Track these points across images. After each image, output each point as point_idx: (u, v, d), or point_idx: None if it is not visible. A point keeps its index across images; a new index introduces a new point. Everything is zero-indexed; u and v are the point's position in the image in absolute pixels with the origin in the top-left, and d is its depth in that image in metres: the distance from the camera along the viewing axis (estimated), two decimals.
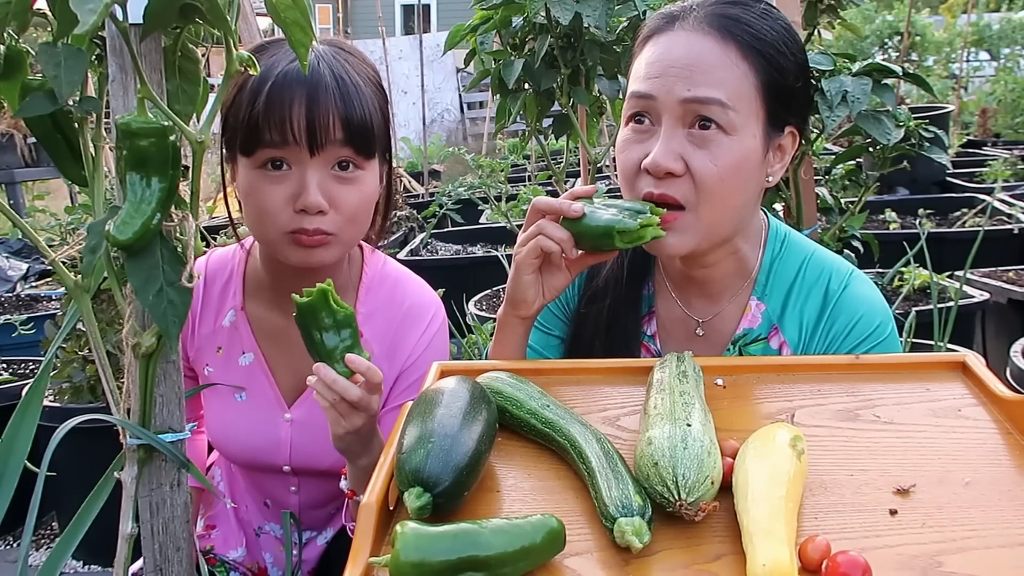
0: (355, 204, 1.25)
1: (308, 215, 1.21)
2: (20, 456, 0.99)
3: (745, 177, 1.13)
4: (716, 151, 1.10)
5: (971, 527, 0.76)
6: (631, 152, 1.16)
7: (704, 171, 1.10)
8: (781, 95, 1.15)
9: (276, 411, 1.39)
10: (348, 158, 1.23)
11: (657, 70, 1.13)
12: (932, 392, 1.00)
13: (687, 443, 0.78)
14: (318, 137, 1.19)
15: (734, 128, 1.10)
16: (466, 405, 0.85)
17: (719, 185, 1.11)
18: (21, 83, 0.97)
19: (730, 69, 1.11)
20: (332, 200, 1.22)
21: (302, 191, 1.20)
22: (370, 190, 1.28)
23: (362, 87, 1.24)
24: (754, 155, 1.13)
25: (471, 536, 0.70)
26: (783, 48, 1.15)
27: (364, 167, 1.26)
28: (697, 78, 1.10)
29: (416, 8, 8.85)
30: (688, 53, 1.12)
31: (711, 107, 1.09)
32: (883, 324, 1.20)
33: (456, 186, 5.25)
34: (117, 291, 0.97)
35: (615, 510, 0.74)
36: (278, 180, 1.21)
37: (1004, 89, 8.35)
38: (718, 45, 1.12)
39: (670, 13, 1.18)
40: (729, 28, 1.12)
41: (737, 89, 1.11)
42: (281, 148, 1.20)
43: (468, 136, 11.92)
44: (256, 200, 1.23)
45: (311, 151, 1.20)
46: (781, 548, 0.69)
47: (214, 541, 1.51)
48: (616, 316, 1.30)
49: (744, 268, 1.25)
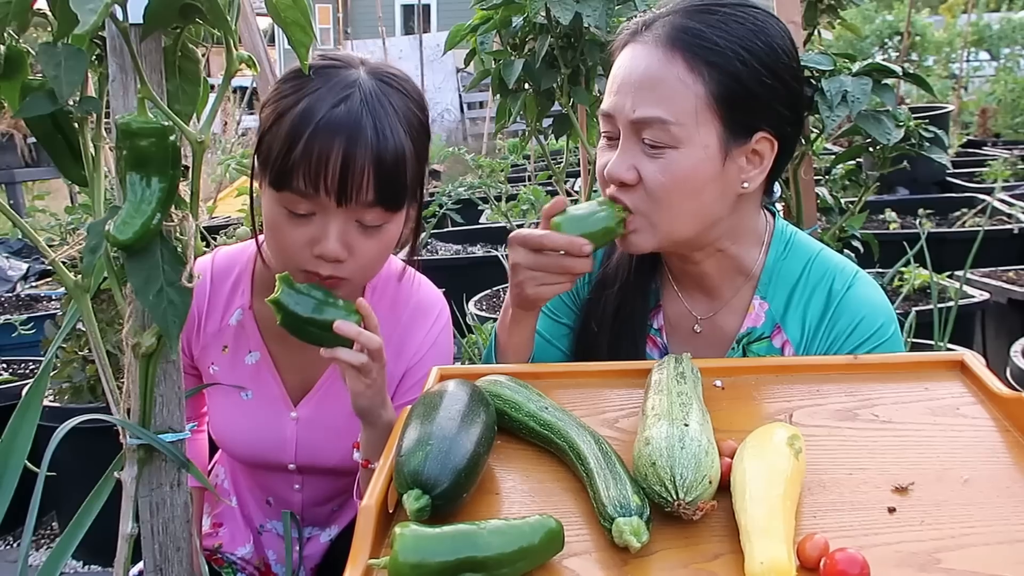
0: (374, 254, 1.23)
1: (324, 262, 1.19)
2: (20, 456, 0.99)
3: (697, 187, 1.15)
4: (665, 163, 1.13)
5: (969, 524, 0.76)
6: (600, 159, 1.22)
7: (653, 182, 1.14)
8: (739, 103, 1.13)
9: (282, 410, 1.39)
10: (374, 215, 1.20)
11: (615, 87, 1.18)
12: (931, 391, 1.00)
13: (684, 443, 0.78)
14: (349, 194, 1.16)
15: (679, 141, 1.13)
16: (465, 408, 0.85)
17: (668, 195, 1.14)
18: (21, 83, 0.97)
19: (674, 83, 1.12)
20: (351, 249, 1.20)
21: (322, 238, 1.18)
22: (391, 239, 1.26)
23: (401, 136, 1.19)
24: (706, 165, 1.14)
25: (470, 537, 0.70)
26: (742, 55, 1.13)
27: (389, 220, 1.23)
28: (641, 96, 1.14)
29: (416, 8, 8.86)
30: (636, 70, 1.16)
31: (651, 126, 1.13)
32: (885, 325, 1.20)
33: (456, 186, 5.25)
34: (117, 291, 0.98)
35: (613, 510, 0.75)
36: (300, 223, 1.19)
37: (1004, 89, 8.35)
38: (663, 60, 1.14)
39: (635, 25, 1.21)
40: (678, 40, 1.13)
41: (680, 104, 1.12)
42: (309, 198, 1.17)
43: (468, 136, 11.92)
44: (276, 235, 1.22)
45: (338, 203, 1.17)
46: (779, 546, 0.69)
47: (221, 539, 1.52)
48: (623, 303, 1.31)
49: (741, 268, 1.26)
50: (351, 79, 1.19)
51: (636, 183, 1.15)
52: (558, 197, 1.21)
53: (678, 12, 1.17)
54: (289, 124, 1.16)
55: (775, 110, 1.17)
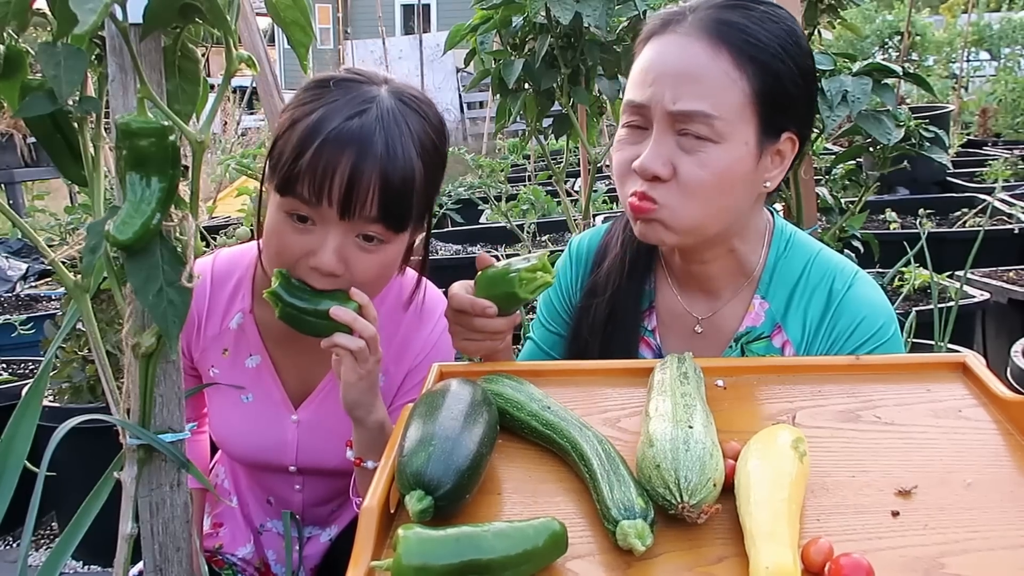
0: (371, 272, 1.21)
1: (319, 275, 1.18)
2: (20, 456, 0.99)
3: (733, 183, 1.13)
4: (704, 158, 1.11)
5: (973, 528, 0.76)
6: (624, 152, 1.17)
7: (691, 177, 1.11)
8: (777, 102, 1.14)
9: (283, 412, 1.39)
10: (376, 233, 1.19)
11: (649, 78, 1.14)
12: (932, 393, 0.99)
13: (689, 445, 0.77)
14: (352, 209, 1.15)
15: (721, 136, 1.11)
16: (467, 407, 0.85)
17: (704, 190, 1.12)
18: (21, 83, 0.97)
19: (719, 78, 1.10)
20: (348, 264, 1.19)
21: (319, 250, 1.17)
22: (392, 260, 1.24)
23: (412, 157, 1.18)
24: (744, 162, 1.13)
25: (473, 540, 0.70)
26: (781, 54, 1.13)
27: (390, 240, 1.21)
28: (683, 89, 1.10)
29: (416, 8, 8.86)
30: (677, 61, 1.12)
31: (694, 120, 1.10)
32: (886, 326, 1.20)
33: (456, 186, 5.25)
34: (117, 291, 0.97)
35: (617, 512, 0.74)
36: (300, 231, 1.18)
37: (1004, 89, 8.35)
38: (709, 52, 1.11)
39: (668, 15, 1.17)
40: (722, 34, 1.11)
41: (725, 98, 1.10)
42: (312, 207, 1.16)
43: (468, 136, 11.92)
44: (275, 241, 1.21)
45: (341, 217, 1.16)
46: (784, 551, 0.68)
47: (222, 539, 1.52)
48: (615, 310, 1.30)
49: (744, 267, 1.26)
50: (371, 95, 1.18)
51: (669, 178, 1.12)
52: (481, 254, 1.18)
53: (715, 6, 1.14)
54: (301, 131, 1.16)
55: (801, 111, 1.19)
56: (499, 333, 1.15)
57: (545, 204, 4.85)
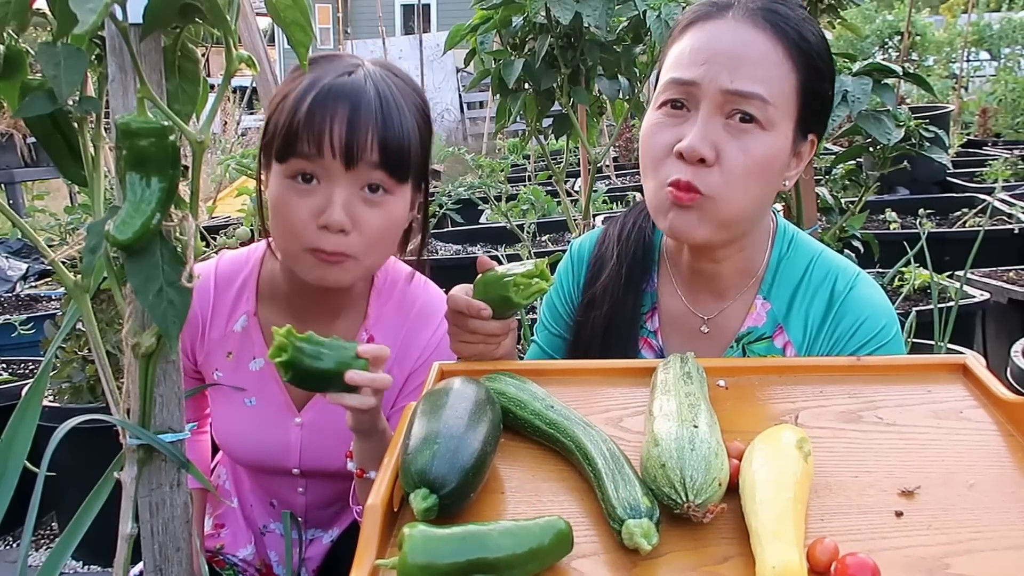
0: (379, 228, 1.22)
1: (329, 233, 1.19)
2: (20, 456, 0.99)
3: (771, 174, 1.14)
4: (750, 144, 1.10)
5: (977, 529, 0.76)
6: (663, 135, 1.14)
7: (735, 162, 1.10)
8: (815, 100, 1.15)
9: (286, 415, 1.39)
10: (379, 181, 1.21)
11: (703, 57, 1.11)
12: (933, 394, 1.00)
13: (694, 444, 0.77)
14: (353, 154, 1.17)
15: (771, 124, 1.11)
16: (471, 406, 0.84)
17: (746, 176, 1.11)
18: (21, 83, 0.97)
19: (776, 66, 1.11)
20: (356, 221, 1.20)
21: (327, 207, 1.18)
22: (397, 215, 1.25)
23: (405, 112, 1.22)
24: (782, 154, 1.14)
25: (479, 538, 0.70)
26: (823, 54, 1.16)
27: (394, 192, 1.23)
28: (743, 70, 1.09)
29: (416, 8, 8.85)
30: (737, 43, 1.11)
31: (752, 101, 1.09)
32: (888, 326, 1.20)
33: (456, 186, 5.25)
34: (117, 291, 0.97)
35: (623, 512, 0.74)
36: (306, 193, 1.19)
37: (1004, 89, 8.35)
38: (768, 40, 1.11)
39: (714, 2, 1.17)
40: (780, 25, 1.12)
41: (779, 87, 1.11)
42: (314, 161, 1.18)
43: (468, 136, 11.92)
44: (282, 211, 1.22)
45: (345, 166, 1.18)
46: (791, 550, 0.68)
47: (223, 540, 1.52)
48: (612, 322, 1.30)
49: (750, 266, 1.26)
50: (355, 63, 1.24)
51: (713, 163, 1.10)
52: (481, 257, 1.17)
53: None
54: (294, 97, 1.20)
55: (825, 115, 1.20)
56: (494, 336, 1.14)
57: (545, 204, 4.85)
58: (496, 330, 1.13)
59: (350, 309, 1.39)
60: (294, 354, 1.06)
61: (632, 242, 1.32)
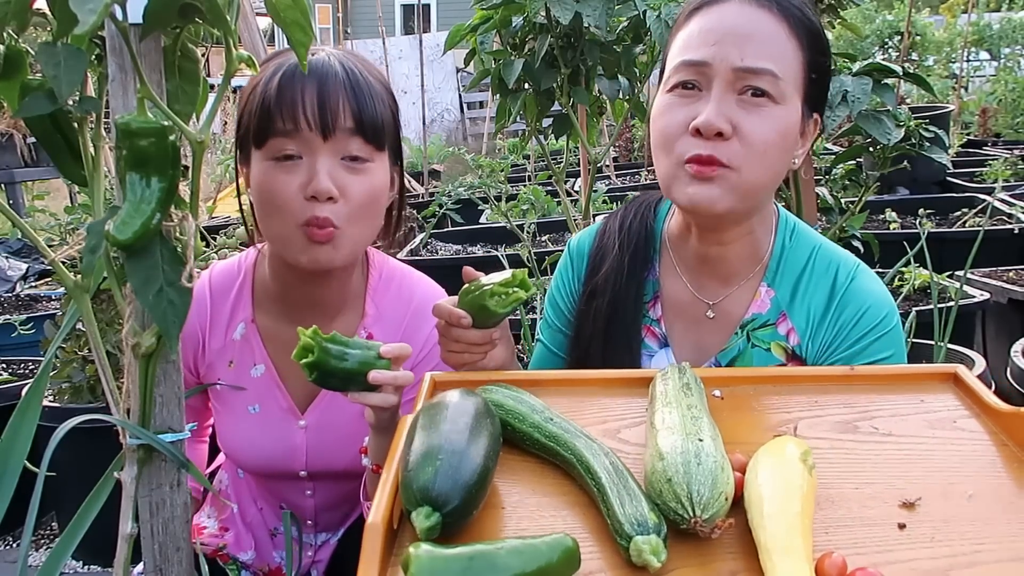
0: (364, 194, 1.25)
1: (319, 203, 1.22)
2: (20, 456, 0.99)
3: (787, 147, 1.17)
4: (765, 116, 1.13)
5: (979, 541, 0.76)
6: (675, 115, 1.16)
7: (754, 133, 1.12)
8: (819, 78, 1.19)
9: (290, 419, 1.39)
10: (357, 151, 1.24)
11: (712, 38, 1.14)
12: (926, 403, 0.99)
13: (701, 459, 0.76)
14: (328, 123, 1.21)
15: (783, 98, 1.14)
16: (471, 420, 0.82)
17: (766, 146, 1.13)
18: (21, 83, 0.97)
19: (784, 43, 1.15)
20: (342, 188, 1.23)
21: (312, 178, 1.21)
22: (379, 183, 1.28)
23: (372, 83, 1.27)
24: (795, 127, 1.17)
25: (487, 558, 0.67)
26: (824, 38, 1.20)
27: (373, 159, 1.27)
28: (752, 48, 1.13)
29: (416, 8, 8.85)
30: (745, 23, 1.15)
31: (764, 77, 1.13)
32: (889, 316, 1.22)
33: (456, 186, 5.25)
34: (117, 291, 0.97)
35: (630, 528, 0.72)
36: (289, 170, 1.22)
37: (1004, 89, 8.35)
38: (774, 19, 1.15)
39: None
40: (783, 4, 1.16)
41: (788, 63, 1.15)
42: (292, 136, 1.21)
43: (468, 136, 11.93)
44: (268, 192, 1.23)
45: (323, 136, 1.21)
46: (801, 565, 0.68)
47: (227, 541, 1.52)
48: (615, 310, 1.30)
49: (756, 253, 1.27)
50: (317, 48, 1.28)
51: (731, 136, 1.12)
52: (466, 268, 1.18)
53: None
54: (262, 85, 1.24)
55: (825, 95, 1.24)
56: (476, 345, 1.16)
57: (545, 204, 4.85)
58: (478, 339, 1.15)
59: (347, 308, 1.39)
60: (320, 355, 1.06)
61: (634, 233, 1.34)
